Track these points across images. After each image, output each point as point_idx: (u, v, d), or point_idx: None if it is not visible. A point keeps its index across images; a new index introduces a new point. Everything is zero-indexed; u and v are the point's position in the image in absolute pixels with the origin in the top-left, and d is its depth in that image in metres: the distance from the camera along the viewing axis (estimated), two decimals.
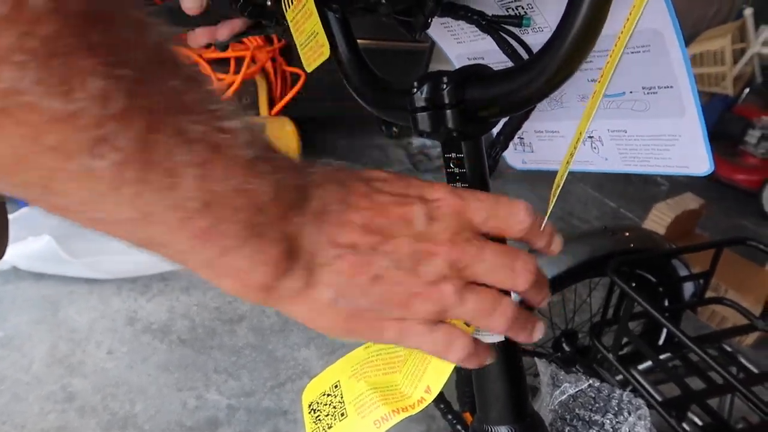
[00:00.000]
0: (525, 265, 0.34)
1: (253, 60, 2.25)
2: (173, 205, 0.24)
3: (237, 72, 2.20)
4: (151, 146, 0.23)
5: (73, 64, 0.20)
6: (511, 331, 0.36)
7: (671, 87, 0.49)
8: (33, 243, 1.65)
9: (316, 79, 2.32)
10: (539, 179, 3.16)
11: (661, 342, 1.29)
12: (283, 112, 2.40)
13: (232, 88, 2.17)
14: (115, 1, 0.22)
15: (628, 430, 0.53)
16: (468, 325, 0.43)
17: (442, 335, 0.34)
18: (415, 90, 0.41)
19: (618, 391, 0.57)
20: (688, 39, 3.84)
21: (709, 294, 1.29)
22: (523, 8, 0.50)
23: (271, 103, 2.39)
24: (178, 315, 1.70)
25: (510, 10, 0.51)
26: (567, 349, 1.32)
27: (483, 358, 0.37)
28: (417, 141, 3.12)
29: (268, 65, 2.33)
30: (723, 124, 3.73)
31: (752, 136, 3.47)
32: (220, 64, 2.23)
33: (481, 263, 0.33)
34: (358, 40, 0.50)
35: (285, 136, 2.21)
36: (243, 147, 0.26)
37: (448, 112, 0.39)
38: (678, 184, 3.38)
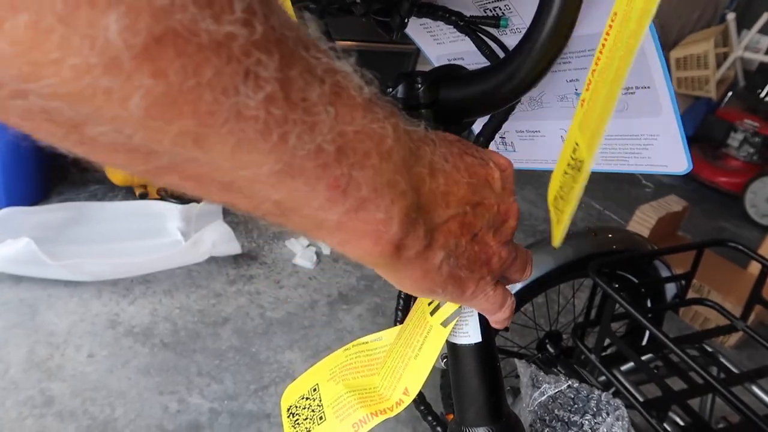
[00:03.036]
0: None
1: None
2: (313, 150, 0.22)
3: None
4: (289, 81, 0.21)
5: None
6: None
7: (648, 87, 0.49)
8: (12, 245, 1.63)
9: None
10: (527, 182, 3.18)
11: (644, 342, 1.30)
12: None
13: None
14: None
15: (606, 430, 0.53)
16: (444, 326, 0.43)
17: (501, 293, 0.36)
18: (390, 90, 0.41)
19: (597, 392, 0.57)
20: (673, 43, 3.89)
21: (692, 295, 1.31)
22: (500, 9, 0.50)
23: None
24: (160, 318, 1.68)
25: (488, 11, 0.51)
26: (551, 350, 1.32)
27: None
28: None
29: None
30: (706, 127, 3.78)
31: (735, 139, 3.52)
32: None
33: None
34: (347, 42, 0.50)
35: None
36: (358, 88, 0.24)
37: (423, 111, 0.39)
38: (662, 187, 3.41)
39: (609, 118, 0.34)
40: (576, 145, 0.35)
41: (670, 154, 0.52)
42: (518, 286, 1.16)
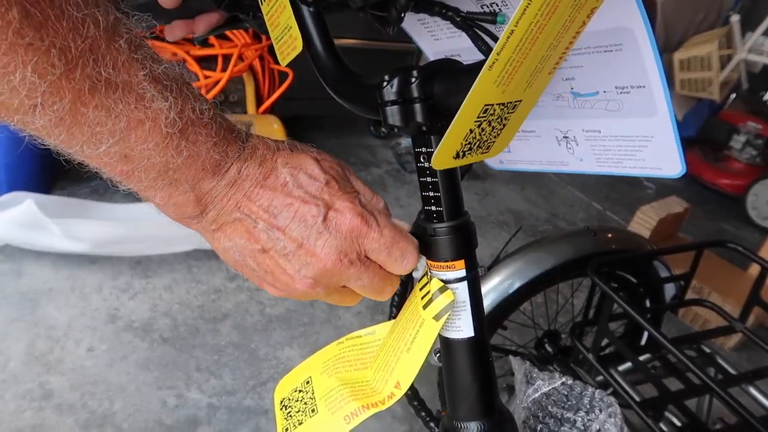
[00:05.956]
0: (393, 289, 0.43)
1: (240, 57, 2.24)
2: (102, 153, 0.33)
3: (224, 69, 2.19)
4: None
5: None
6: None
7: (643, 87, 0.49)
8: (14, 209, 1.67)
9: (304, 78, 2.31)
10: (528, 182, 3.18)
11: (642, 342, 1.29)
12: (271, 110, 2.39)
13: (219, 86, 2.16)
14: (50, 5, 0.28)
15: (599, 427, 0.53)
16: (437, 320, 0.43)
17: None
18: (385, 84, 0.41)
19: (590, 389, 0.58)
20: (677, 44, 3.88)
21: (691, 296, 1.30)
22: (497, 5, 0.50)
23: (259, 101, 2.38)
24: (160, 313, 1.68)
25: (485, 7, 0.51)
26: (549, 349, 1.32)
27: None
28: (405, 142, 3.12)
29: (256, 63, 2.32)
30: (709, 129, 3.77)
31: (737, 141, 3.50)
32: (208, 62, 2.22)
33: (357, 281, 0.40)
34: (350, 40, 0.50)
35: (272, 134, 2.20)
36: (169, 124, 0.33)
37: (417, 105, 0.39)
38: (663, 188, 3.41)
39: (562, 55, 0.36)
40: (489, 105, 0.36)
41: (664, 157, 0.51)
42: (516, 284, 1.16)
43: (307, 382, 0.51)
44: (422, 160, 0.42)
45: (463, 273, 0.43)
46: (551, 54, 0.36)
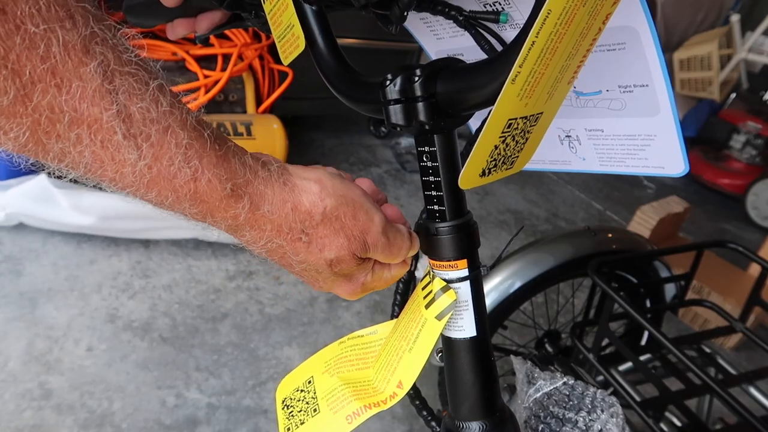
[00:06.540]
0: None
1: (240, 57, 2.23)
2: (77, 175, 0.31)
3: (224, 69, 2.19)
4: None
5: None
6: None
7: (647, 86, 0.49)
8: (27, 182, 1.69)
9: (304, 78, 2.31)
10: (528, 181, 3.18)
11: (643, 342, 1.29)
12: (271, 110, 2.39)
13: (219, 85, 2.15)
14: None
15: (600, 427, 0.53)
16: (439, 319, 0.43)
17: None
18: (387, 82, 0.41)
19: (592, 389, 0.57)
20: (677, 44, 3.89)
21: (691, 296, 1.30)
22: (500, 4, 0.50)
23: (259, 101, 2.37)
24: (159, 313, 1.68)
25: (488, 6, 0.51)
26: (549, 349, 1.32)
27: None
28: (405, 141, 3.12)
29: (256, 63, 2.31)
30: (709, 129, 3.78)
31: (737, 140, 3.51)
32: (208, 61, 2.22)
33: None
34: (352, 40, 0.50)
35: (272, 134, 2.20)
36: (137, 174, 0.30)
37: (420, 104, 0.39)
38: (664, 188, 3.41)
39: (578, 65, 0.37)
40: (513, 120, 0.36)
41: (667, 156, 0.51)
42: (517, 284, 1.16)
43: (309, 382, 0.51)
44: (425, 159, 0.42)
45: (465, 272, 0.43)
46: (570, 63, 0.36)
